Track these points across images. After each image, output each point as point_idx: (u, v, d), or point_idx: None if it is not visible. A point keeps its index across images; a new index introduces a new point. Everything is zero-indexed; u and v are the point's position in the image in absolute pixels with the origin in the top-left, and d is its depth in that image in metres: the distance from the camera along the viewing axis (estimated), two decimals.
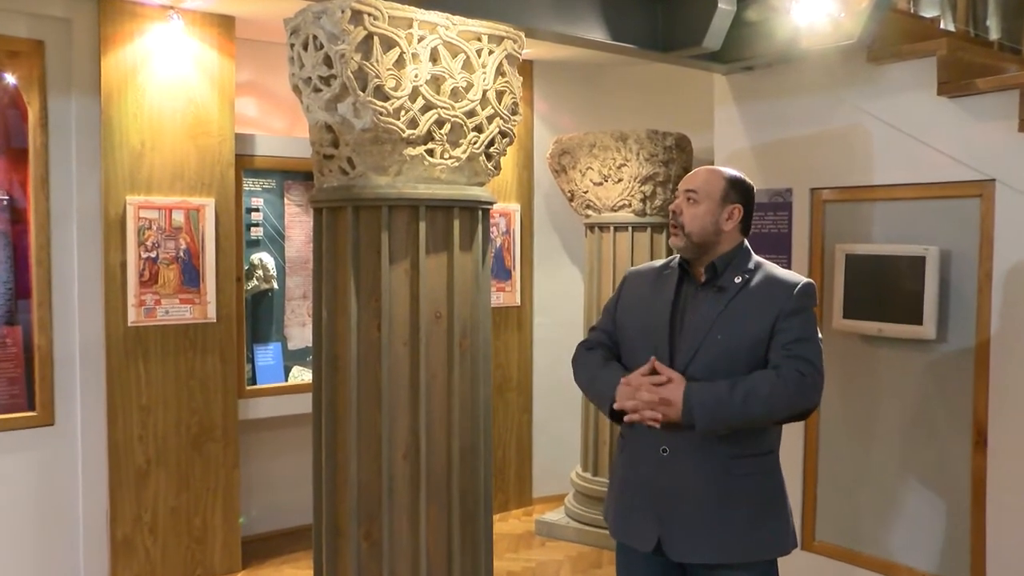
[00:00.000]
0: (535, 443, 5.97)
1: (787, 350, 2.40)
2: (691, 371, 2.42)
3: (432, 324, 3.05)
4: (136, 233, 4.26)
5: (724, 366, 2.41)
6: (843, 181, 4.01)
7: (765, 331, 2.43)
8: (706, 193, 2.53)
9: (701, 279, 2.54)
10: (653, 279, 2.64)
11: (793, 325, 2.42)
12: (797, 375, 2.37)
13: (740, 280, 2.49)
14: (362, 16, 2.78)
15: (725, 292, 2.49)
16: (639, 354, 2.53)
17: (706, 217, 2.51)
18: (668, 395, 2.38)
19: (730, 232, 2.54)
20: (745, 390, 2.35)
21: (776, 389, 2.36)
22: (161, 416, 4.38)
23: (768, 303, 2.45)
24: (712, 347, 2.42)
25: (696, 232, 2.52)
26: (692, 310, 2.51)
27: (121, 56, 4.25)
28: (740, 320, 2.44)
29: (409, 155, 2.94)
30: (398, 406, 3.02)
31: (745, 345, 2.42)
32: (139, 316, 4.28)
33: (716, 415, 2.35)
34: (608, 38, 3.81)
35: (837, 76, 4.00)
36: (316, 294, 3.15)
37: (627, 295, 2.70)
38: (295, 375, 5.09)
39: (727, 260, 2.53)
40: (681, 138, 5.04)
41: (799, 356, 2.40)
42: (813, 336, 2.46)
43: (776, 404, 2.37)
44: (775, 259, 4.17)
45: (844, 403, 4.02)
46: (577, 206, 5.30)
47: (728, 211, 2.53)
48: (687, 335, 2.47)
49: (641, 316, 2.59)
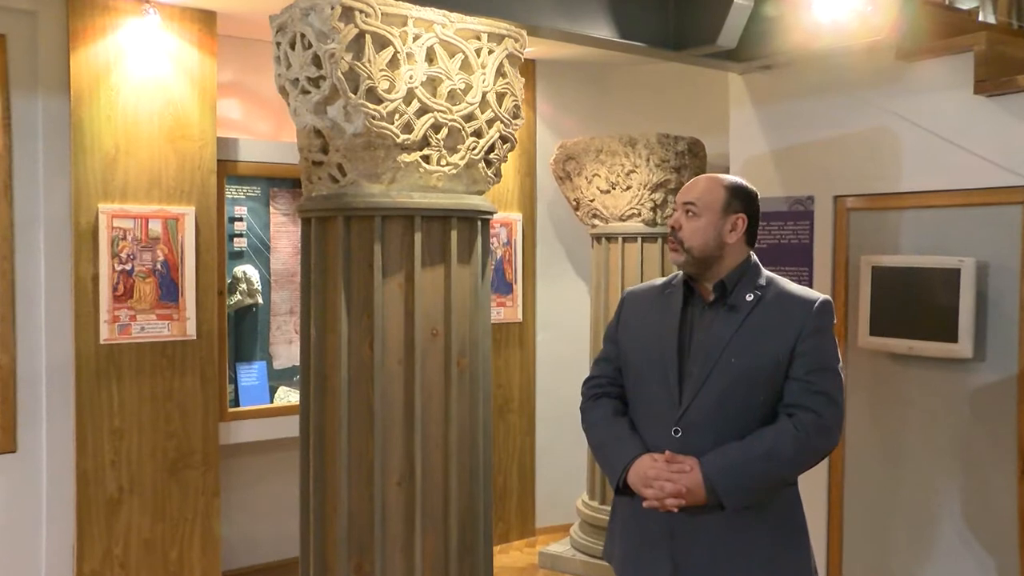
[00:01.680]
0: (538, 469, 5.97)
1: (807, 384, 2.39)
2: (702, 399, 2.41)
3: (428, 342, 3.07)
4: (109, 244, 4.27)
5: (740, 393, 2.40)
6: (869, 188, 4.01)
7: (785, 353, 2.41)
8: (706, 204, 2.50)
9: (708, 297, 2.52)
10: (654, 299, 2.63)
11: (813, 348, 2.41)
12: (814, 419, 2.36)
13: (753, 297, 2.47)
14: (353, 13, 2.80)
15: (737, 311, 2.46)
16: (646, 382, 2.53)
17: (707, 231, 2.48)
18: (690, 484, 2.36)
19: (735, 245, 2.51)
20: (765, 452, 2.34)
21: (798, 445, 2.35)
22: (135, 441, 4.38)
23: (786, 322, 2.43)
24: (727, 372, 2.40)
25: (697, 247, 2.49)
26: (701, 331, 2.48)
27: (92, 53, 4.26)
28: (757, 341, 2.42)
29: (404, 162, 2.97)
30: (392, 429, 3.03)
31: (763, 368, 2.40)
32: (112, 333, 4.29)
33: (741, 486, 2.35)
34: (616, 36, 3.84)
35: (863, 75, 4.01)
36: (304, 310, 3.16)
37: (627, 318, 2.69)
38: (281, 396, 5.11)
39: (737, 276, 2.50)
40: (694, 142, 5.06)
41: (818, 392, 2.38)
42: (834, 362, 2.44)
43: (801, 459, 2.39)
44: (795, 272, 4.19)
45: (872, 428, 4.01)
46: (583, 215, 5.33)
47: (731, 222, 2.50)
48: (697, 359, 2.45)
49: (645, 341, 2.57)
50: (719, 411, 2.40)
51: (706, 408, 2.41)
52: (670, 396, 2.46)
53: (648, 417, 2.53)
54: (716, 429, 2.40)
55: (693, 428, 2.41)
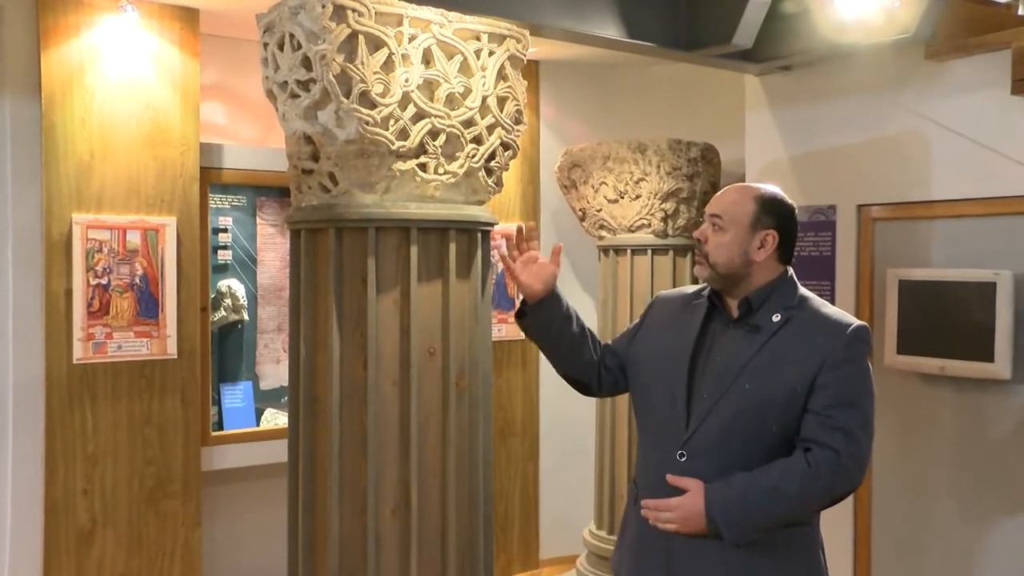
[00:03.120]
0: (542, 496, 5.97)
1: (826, 418, 2.34)
2: (710, 425, 2.40)
3: (425, 361, 3.08)
4: (84, 257, 4.27)
5: (750, 422, 2.38)
6: (896, 196, 4.02)
7: (803, 384, 2.36)
8: (732, 218, 2.48)
9: (733, 315, 2.50)
10: (681, 308, 2.63)
11: (837, 380, 2.36)
12: (832, 457, 2.31)
13: (779, 318, 2.44)
14: (345, 12, 2.83)
15: (759, 332, 2.44)
16: (651, 398, 2.54)
17: (733, 246, 2.46)
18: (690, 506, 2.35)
19: (764, 262, 2.48)
20: (770, 487, 2.31)
21: (807, 483, 2.31)
22: (110, 468, 4.36)
23: (811, 349, 2.39)
24: (739, 398, 2.38)
25: (722, 263, 2.47)
26: (719, 352, 2.47)
27: (65, 52, 4.24)
28: (775, 367, 2.39)
29: (399, 170, 2.98)
30: (386, 454, 3.04)
31: (777, 398, 2.37)
32: (86, 352, 4.28)
33: (742, 520, 2.33)
34: (624, 35, 3.85)
35: (890, 75, 4.02)
36: (293, 326, 3.18)
37: (651, 321, 2.70)
38: (268, 419, 5.11)
39: (765, 294, 2.48)
40: (707, 148, 5.07)
41: (836, 428, 2.33)
42: (861, 397, 2.40)
43: (809, 498, 2.35)
44: (816, 286, 4.19)
45: (901, 454, 4.00)
46: (589, 226, 5.34)
47: (759, 239, 2.47)
48: (710, 380, 2.43)
49: (659, 352, 2.57)
50: (726, 439, 2.39)
51: (713, 435, 2.40)
52: (676, 418, 2.46)
53: (653, 436, 2.53)
54: (722, 457, 2.38)
55: (698, 454, 2.41)
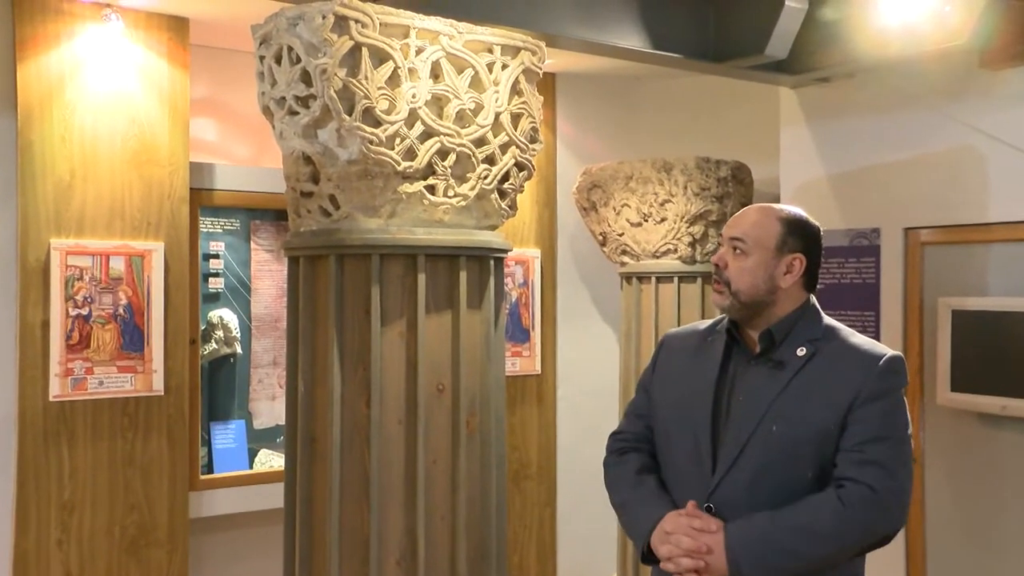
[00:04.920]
0: (560, 544, 5.95)
1: (859, 453, 2.35)
2: (738, 473, 2.40)
3: (433, 399, 3.09)
4: (63, 285, 4.27)
5: (781, 468, 2.38)
6: (948, 218, 4.01)
7: (835, 421, 2.38)
8: (756, 241, 2.49)
9: (755, 349, 2.52)
10: (696, 346, 2.64)
11: (871, 415, 2.37)
12: (867, 493, 2.31)
13: (804, 352, 2.45)
14: (348, 23, 2.85)
15: (784, 368, 2.45)
16: (673, 445, 2.55)
17: (757, 271, 2.48)
18: (712, 542, 2.35)
19: (790, 289, 2.50)
20: (799, 525, 2.31)
21: (841, 522, 2.31)
22: (88, 516, 4.32)
23: (841, 383, 2.40)
24: (767, 441, 2.39)
25: (745, 290, 2.48)
26: (742, 390, 2.48)
27: (44, 64, 4.25)
28: (804, 405, 2.40)
29: (405, 192, 3.00)
30: (390, 500, 3.05)
31: (809, 440, 2.38)
32: (64, 389, 4.26)
33: (768, 562, 2.32)
34: (648, 46, 3.87)
35: (940, 86, 4.02)
36: (290, 361, 3.20)
37: (663, 366, 2.71)
38: (262, 461, 5.11)
39: (788, 325, 2.49)
40: (738, 167, 5.08)
41: (873, 462, 2.34)
42: (898, 431, 2.40)
43: (844, 540, 2.34)
44: (859, 318, 4.19)
45: (958, 502, 3.97)
46: (610, 252, 5.35)
47: (786, 263, 2.49)
48: (734, 423, 2.44)
49: (678, 395, 2.58)
50: (756, 487, 2.39)
51: (741, 484, 2.40)
52: (701, 466, 2.46)
53: (677, 488, 2.53)
54: (754, 508, 2.38)
55: (727, 505, 2.40)
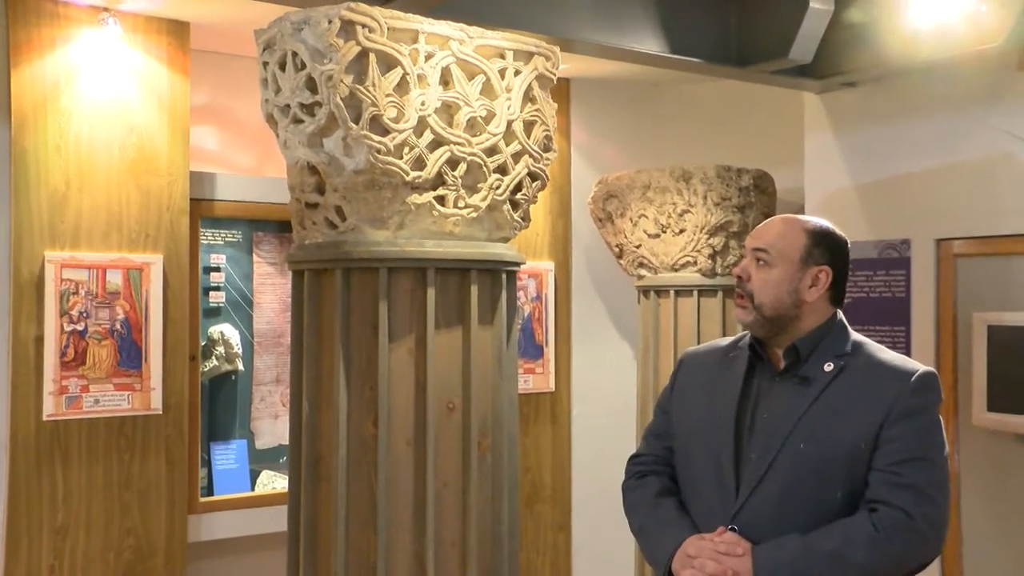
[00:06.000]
0: (575, 570, 5.93)
1: (894, 475, 2.35)
2: (763, 494, 2.41)
3: (443, 419, 3.09)
4: (57, 299, 4.28)
5: (810, 488, 2.39)
6: (983, 229, 4.00)
7: (867, 439, 2.39)
8: (780, 252, 2.51)
9: (779, 365, 2.53)
10: (716, 363, 2.65)
11: (905, 434, 2.38)
12: (902, 519, 2.32)
13: (832, 367, 2.47)
14: (354, 28, 2.87)
15: (811, 384, 2.46)
16: (694, 468, 2.56)
17: (782, 284, 2.49)
18: (738, 566, 2.35)
19: (815, 303, 2.51)
20: (831, 551, 2.31)
21: (875, 549, 2.31)
22: (82, 540, 4.32)
23: (872, 400, 2.41)
24: (794, 460, 2.40)
25: (769, 304, 2.50)
26: (767, 408, 2.49)
27: (38, 70, 4.26)
28: (832, 424, 2.41)
29: (414, 203, 3.02)
30: (398, 525, 3.05)
31: (839, 459, 2.39)
32: (58, 407, 4.27)
33: None
34: (667, 50, 3.89)
35: (975, 90, 4.02)
36: (294, 378, 3.21)
37: (682, 385, 2.72)
38: (264, 482, 5.12)
39: (814, 340, 2.50)
40: (761, 176, 5.08)
41: (909, 486, 2.34)
42: (934, 452, 2.41)
43: (879, 568, 2.33)
44: (888, 333, 4.18)
45: (998, 529, 3.95)
46: (627, 264, 5.36)
47: (812, 275, 2.51)
48: (759, 442, 2.45)
49: (699, 415, 2.59)
50: (783, 509, 2.39)
51: (768, 505, 2.41)
52: (724, 488, 2.47)
53: (698, 511, 2.54)
54: (781, 530, 2.38)
55: (752, 528, 2.41)
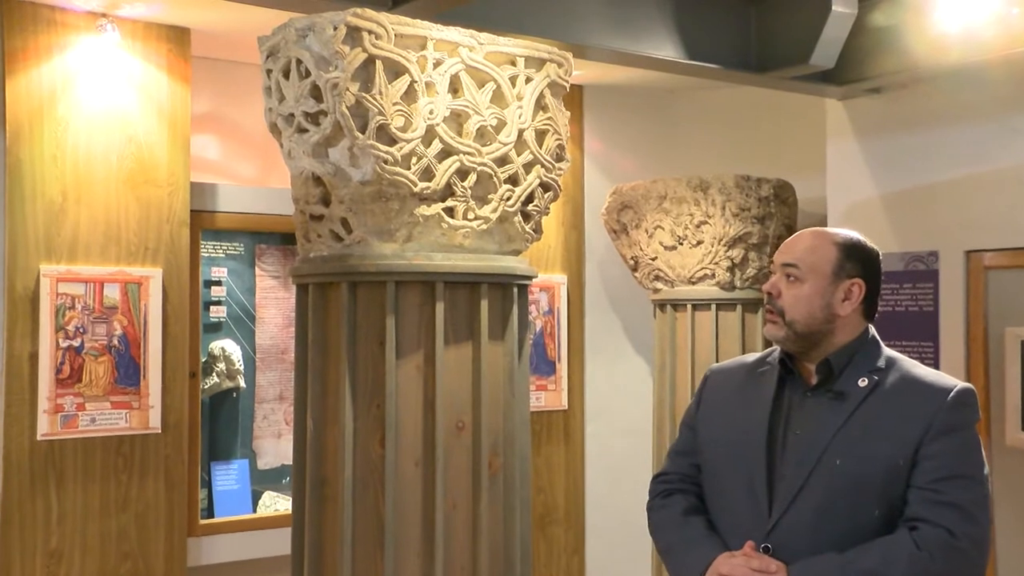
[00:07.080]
0: None
1: (934, 493, 2.36)
2: (797, 512, 2.41)
3: (452, 438, 3.10)
4: (53, 314, 4.29)
5: (846, 505, 2.40)
6: (1015, 240, 4.00)
7: (905, 455, 2.39)
8: (811, 266, 2.53)
9: (811, 380, 2.54)
10: (743, 380, 2.67)
11: (945, 451, 2.39)
12: (946, 538, 2.32)
13: (867, 383, 2.48)
14: (360, 34, 2.89)
15: (846, 399, 2.47)
16: (724, 486, 2.56)
17: (814, 299, 2.51)
18: None
19: (848, 317, 2.53)
20: (870, 570, 2.31)
21: (917, 569, 2.31)
22: (78, 565, 4.31)
23: (909, 416, 2.42)
24: (829, 477, 2.40)
25: (801, 320, 2.51)
26: (799, 424, 2.50)
27: (35, 78, 4.28)
28: (868, 440, 2.41)
29: (422, 215, 3.03)
30: (406, 547, 3.05)
31: (875, 476, 2.40)
32: (53, 427, 4.27)
33: None
34: (684, 56, 3.89)
35: (1006, 96, 4.01)
36: (298, 396, 3.22)
37: (709, 401, 2.73)
38: (267, 504, 5.12)
39: (847, 355, 2.52)
40: (782, 186, 5.08)
41: (950, 504, 2.35)
42: (975, 470, 2.42)
43: None
44: (916, 348, 4.17)
45: None
46: (643, 277, 5.36)
47: (844, 289, 2.52)
48: (792, 459, 2.46)
49: (728, 431, 2.60)
50: (819, 527, 2.40)
51: (802, 523, 2.41)
52: (756, 506, 2.47)
53: (728, 529, 2.54)
54: (816, 549, 2.39)
55: (785, 548, 2.41)
